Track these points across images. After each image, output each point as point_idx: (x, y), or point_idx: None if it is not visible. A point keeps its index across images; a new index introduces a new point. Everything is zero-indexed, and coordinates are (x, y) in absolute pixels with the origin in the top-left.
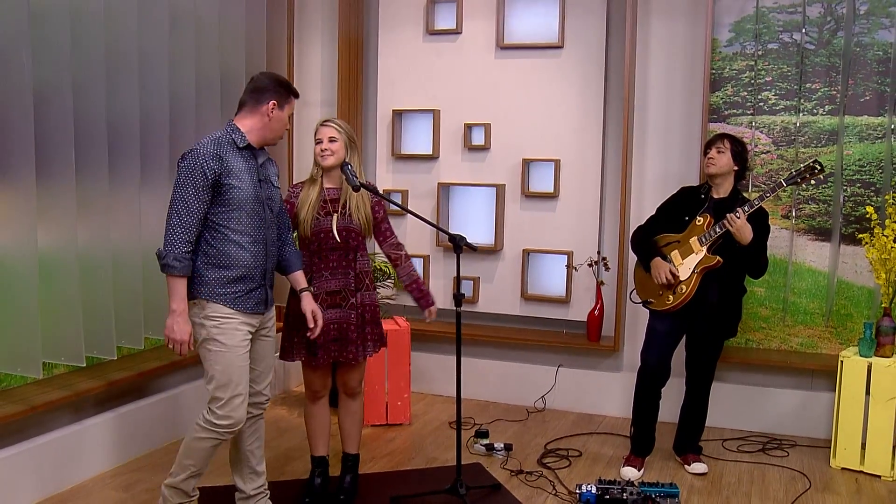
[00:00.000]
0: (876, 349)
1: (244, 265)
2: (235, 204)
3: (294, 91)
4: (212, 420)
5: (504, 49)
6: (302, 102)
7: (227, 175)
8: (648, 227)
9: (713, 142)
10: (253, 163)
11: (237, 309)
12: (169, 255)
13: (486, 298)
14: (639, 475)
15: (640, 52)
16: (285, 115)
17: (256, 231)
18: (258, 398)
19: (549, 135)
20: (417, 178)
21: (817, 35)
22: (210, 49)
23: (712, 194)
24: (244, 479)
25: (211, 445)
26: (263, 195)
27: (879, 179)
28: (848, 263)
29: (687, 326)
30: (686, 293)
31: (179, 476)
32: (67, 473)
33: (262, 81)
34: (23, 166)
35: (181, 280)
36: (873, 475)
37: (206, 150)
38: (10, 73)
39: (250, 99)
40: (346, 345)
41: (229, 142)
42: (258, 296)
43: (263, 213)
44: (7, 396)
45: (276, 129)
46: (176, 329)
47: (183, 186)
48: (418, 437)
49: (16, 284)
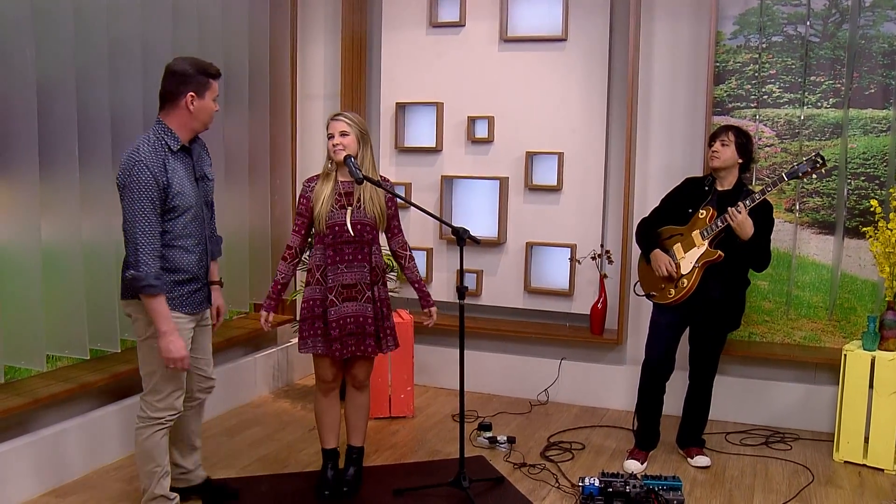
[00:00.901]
0: (879, 343)
1: (190, 268)
2: (180, 211)
3: (212, 72)
4: (151, 414)
5: (507, 42)
6: (305, 96)
7: (170, 183)
8: (652, 219)
9: (717, 134)
10: (189, 162)
11: (184, 311)
12: (148, 275)
13: (490, 291)
14: (642, 468)
15: (644, 45)
16: (208, 101)
17: (199, 232)
18: (206, 383)
19: (552, 128)
20: (421, 170)
21: (822, 27)
22: (213, 41)
23: (716, 186)
24: (184, 456)
25: (161, 437)
26: (202, 194)
27: (884, 172)
28: (852, 257)
29: (689, 320)
30: (687, 287)
31: (151, 485)
32: (71, 466)
33: (175, 72)
34: (27, 159)
35: (162, 299)
36: (876, 469)
37: (151, 162)
38: (13, 67)
39: (168, 94)
40: (364, 338)
41: (164, 146)
42: (202, 294)
43: (203, 213)
44: (11, 389)
45: (203, 119)
46: (172, 348)
47: (140, 202)
48: (421, 430)
49: (20, 277)
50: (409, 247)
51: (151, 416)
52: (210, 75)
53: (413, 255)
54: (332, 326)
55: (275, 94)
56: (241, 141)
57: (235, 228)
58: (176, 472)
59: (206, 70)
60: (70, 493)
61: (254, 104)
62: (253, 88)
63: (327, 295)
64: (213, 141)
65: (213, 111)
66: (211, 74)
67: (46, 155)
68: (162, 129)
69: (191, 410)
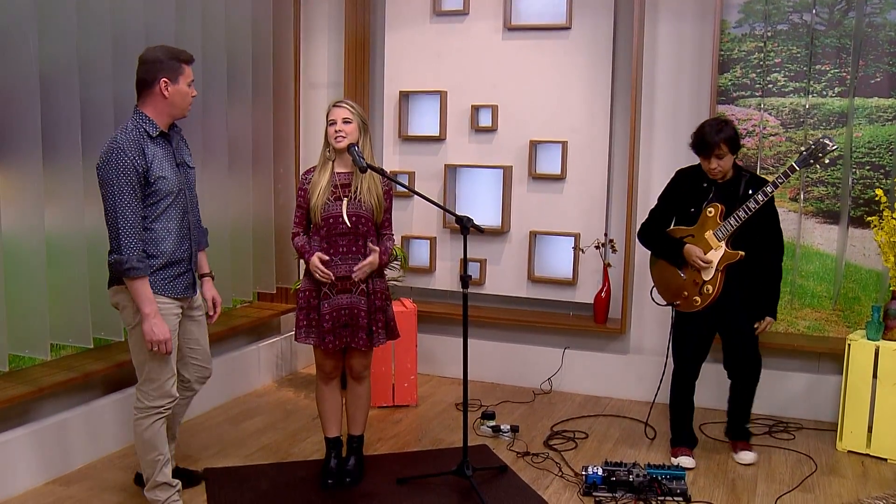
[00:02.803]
0: (884, 332)
1: (171, 253)
2: (161, 195)
3: (185, 57)
4: (148, 404)
5: (511, 30)
6: (308, 84)
7: (150, 169)
8: (656, 221)
9: (710, 148)
10: (168, 149)
11: (168, 295)
12: (131, 257)
13: (493, 280)
14: (694, 463)
15: (649, 34)
16: (183, 86)
17: (181, 217)
18: (203, 373)
19: (556, 116)
20: (424, 159)
21: (828, 16)
22: (217, 30)
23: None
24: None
25: (160, 426)
26: (183, 181)
27: (889, 162)
28: (856, 246)
29: (717, 322)
30: (713, 293)
31: (154, 473)
32: (75, 454)
33: (146, 60)
34: (30, 149)
35: (144, 281)
36: (879, 458)
37: (129, 147)
38: (17, 56)
39: (142, 83)
40: (357, 331)
41: (142, 133)
42: (187, 279)
43: (185, 199)
44: (15, 378)
45: (180, 104)
46: (156, 331)
47: (119, 188)
48: (425, 419)
49: (24, 266)
50: (392, 241)
51: (149, 406)
52: (182, 60)
53: (392, 237)
54: (325, 318)
55: (278, 82)
56: (244, 130)
57: (239, 217)
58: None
59: (178, 55)
60: (73, 482)
61: (257, 93)
62: (256, 77)
63: (321, 287)
64: (216, 130)
65: (189, 96)
66: (183, 59)
67: (50, 145)
68: (139, 118)
69: (186, 402)
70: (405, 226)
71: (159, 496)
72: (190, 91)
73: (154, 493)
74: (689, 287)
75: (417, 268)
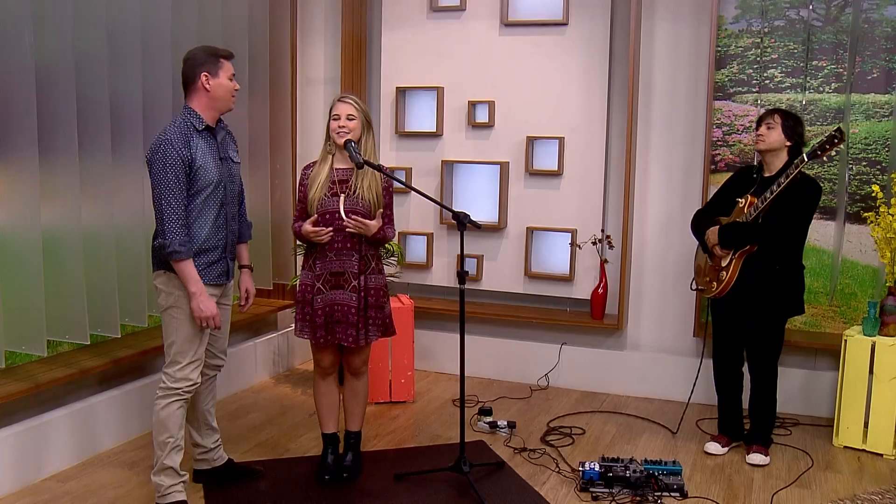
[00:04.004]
0: (880, 328)
1: (207, 240)
2: (202, 185)
3: (223, 53)
4: (170, 385)
5: (508, 26)
6: (305, 80)
7: (194, 159)
8: (702, 210)
9: (763, 117)
10: (213, 143)
11: (202, 280)
12: (174, 241)
13: (490, 276)
14: (722, 451)
15: (646, 30)
16: (224, 79)
17: (219, 208)
18: (217, 360)
19: (553, 112)
20: (421, 155)
21: (825, 11)
22: (213, 24)
23: (763, 173)
24: (203, 436)
25: (177, 408)
26: (225, 173)
27: (886, 158)
28: (853, 242)
29: (737, 311)
30: (727, 279)
31: (163, 455)
32: (72, 451)
33: (188, 59)
34: (26, 145)
35: (189, 263)
36: (875, 454)
37: (175, 139)
38: (12, 51)
39: (186, 80)
40: (347, 328)
41: (189, 126)
42: (220, 267)
43: (225, 191)
44: (12, 374)
45: (223, 97)
46: (203, 307)
47: (165, 176)
48: (422, 415)
49: (20, 263)
50: (393, 230)
51: (170, 387)
52: (221, 55)
53: (393, 231)
54: (318, 314)
55: (275, 78)
56: (241, 126)
57: None
58: (196, 452)
59: (216, 51)
60: (71, 479)
61: (254, 88)
62: (253, 72)
63: (316, 282)
64: None
65: (232, 89)
66: (221, 55)
67: (46, 141)
68: (188, 112)
69: (202, 387)
70: (402, 222)
71: (164, 481)
72: (232, 84)
73: (160, 477)
74: (711, 272)
75: (414, 264)
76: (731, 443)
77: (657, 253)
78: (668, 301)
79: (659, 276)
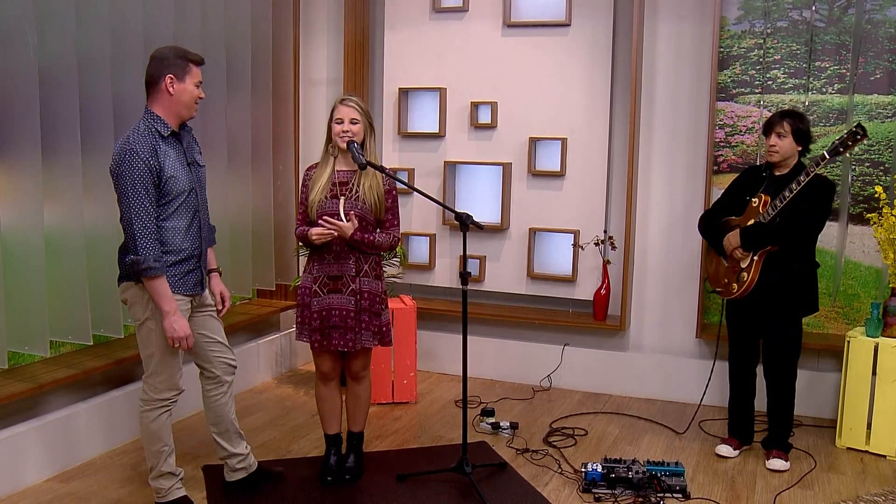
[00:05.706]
0: (883, 329)
1: (182, 250)
2: (172, 194)
3: (194, 57)
4: (155, 396)
5: (511, 27)
6: (308, 81)
7: (163, 169)
8: (711, 211)
9: (772, 124)
10: (180, 148)
11: (178, 292)
12: (148, 257)
13: (492, 277)
14: (733, 454)
15: (648, 31)
16: (189, 85)
17: (191, 216)
18: (228, 363)
19: (555, 113)
20: (424, 156)
21: (827, 12)
22: (216, 25)
23: (774, 172)
24: (234, 444)
25: (166, 418)
26: (195, 179)
27: (888, 159)
28: (855, 243)
29: (756, 312)
30: (748, 280)
31: (159, 463)
32: (75, 451)
33: (154, 58)
34: (29, 145)
35: (162, 280)
36: (879, 455)
37: (141, 148)
38: (15, 52)
39: (150, 80)
40: (345, 332)
41: (154, 133)
42: (196, 277)
43: (198, 197)
44: (15, 374)
45: (186, 104)
46: (177, 327)
47: (134, 189)
48: (424, 416)
49: (23, 263)
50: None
51: (156, 398)
52: (190, 60)
53: (396, 237)
54: (314, 318)
55: (277, 78)
56: (243, 126)
57: (238, 214)
58: (235, 461)
59: (186, 55)
60: (74, 478)
61: (256, 89)
62: (255, 73)
63: (312, 285)
64: (215, 126)
65: (195, 96)
66: (191, 59)
67: (49, 141)
68: (150, 117)
69: (224, 397)
70: (405, 223)
71: (163, 485)
72: (197, 92)
73: (158, 481)
74: (729, 274)
75: (417, 265)
76: (742, 446)
77: (660, 254)
78: (671, 302)
79: (661, 277)
